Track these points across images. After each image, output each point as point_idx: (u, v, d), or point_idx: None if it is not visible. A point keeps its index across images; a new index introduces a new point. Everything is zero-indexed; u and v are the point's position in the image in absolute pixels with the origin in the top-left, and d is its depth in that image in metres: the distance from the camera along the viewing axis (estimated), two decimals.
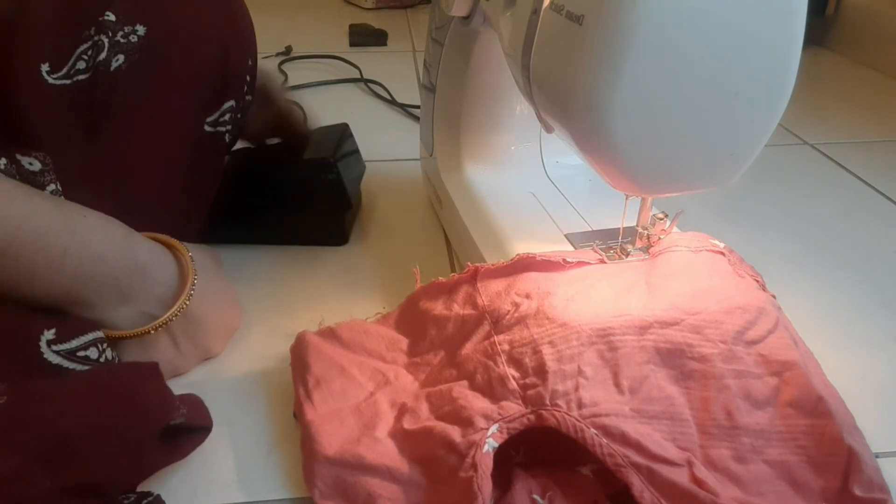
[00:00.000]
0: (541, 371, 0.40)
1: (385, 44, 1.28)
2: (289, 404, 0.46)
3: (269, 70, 0.68)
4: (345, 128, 0.68)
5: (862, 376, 0.50)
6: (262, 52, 0.59)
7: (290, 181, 0.63)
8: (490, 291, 0.46)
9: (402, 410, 0.43)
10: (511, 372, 0.41)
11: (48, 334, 0.39)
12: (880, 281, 0.61)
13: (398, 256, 0.64)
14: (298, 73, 1.10)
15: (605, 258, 0.47)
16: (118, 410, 0.37)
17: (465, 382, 0.42)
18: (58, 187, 0.45)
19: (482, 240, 0.54)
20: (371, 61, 1.13)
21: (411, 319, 0.49)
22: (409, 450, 0.40)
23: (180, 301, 0.47)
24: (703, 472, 0.37)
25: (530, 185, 0.60)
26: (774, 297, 0.45)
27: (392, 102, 1.00)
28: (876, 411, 0.47)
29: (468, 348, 0.44)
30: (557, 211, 0.56)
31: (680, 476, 0.36)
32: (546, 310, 0.42)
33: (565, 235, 0.53)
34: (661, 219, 0.47)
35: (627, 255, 0.48)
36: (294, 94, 0.75)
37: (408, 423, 0.41)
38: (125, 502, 0.38)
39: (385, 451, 0.40)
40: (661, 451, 0.37)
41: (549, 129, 0.43)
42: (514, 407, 0.39)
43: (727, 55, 0.34)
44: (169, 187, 0.52)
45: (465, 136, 0.62)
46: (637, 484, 0.36)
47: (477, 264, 0.47)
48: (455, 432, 0.39)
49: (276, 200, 0.64)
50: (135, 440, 0.38)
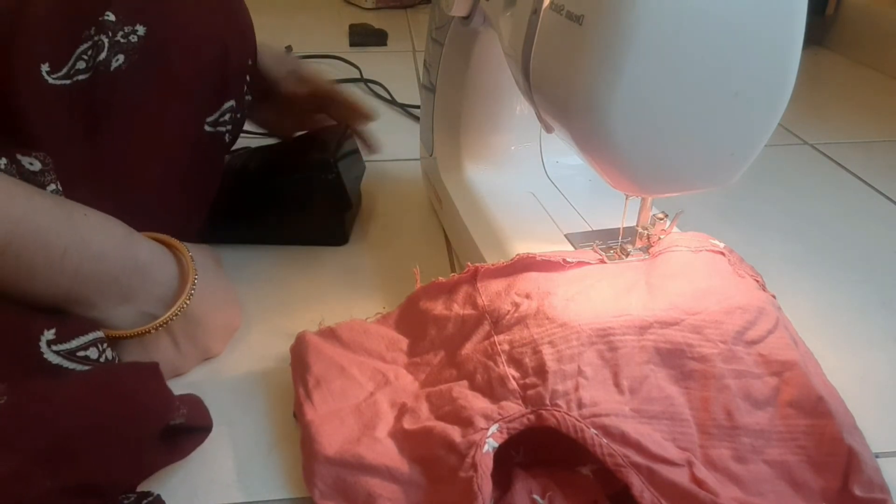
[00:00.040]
0: (541, 371, 0.40)
1: (385, 44, 1.28)
2: (289, 404, 0.46)
3: (294, 57, 0.68)
4: (345, 128, 0.68)
5: (862, 376, 0.50)
6: None
7: (290, 181, 0.63)
8: (490, 291, 0.46)
9: (402, 410, 0.43)
10: (511, 372, 0.41)
11: (48, 334, 0.39)
12: (880, 281, 0.61)
13: (398, 256, 0.64)
14: None
15: (605, 258, 0.47)
16: (118, 410, 0.37)
17: (465, 382, 0.42)
18: (58, 187, 0.45)
19: (482, 240, 0.54)
20: (371, 61, 1.13)
21: (411, 319, 0.49)
22: (409, 450, 0.40)
23: (181, 301, 0.47)
24: (703, 472, 0.37)
25: (530, 185, 0.60)
26: (774, 297, 0.45)
27: (392, 102, 1.00)
28: (876, 411, 0.47)
29: (468, 348, 0.44)
30: (557, 211, 0.56)
31: (680, 476, 0.36)
32: (546, 310, 0.42)
33: (565, 235, 0.53)
34: (661, 219, 0.47)
35: (627, 255, 0.48)
36: None
37: (408, 423, 0.41)
38: (125, 502, 0.38)
39: (385, 451, 0.40)
40: (661, 451, 0.37)
41: (549, 129, 0.43)
42: (514, 407, 0.39)
43: (727, 55, 0.34)
44: (169, 187, 0.52)
45: (465, 136, 0.62)
46: (637, 484, 0.36)
47: (477, 264, 0.47)
48: (455, 432, 0.39)
49: (276, 200, 0.64)
50: (135, 440, 0.38)
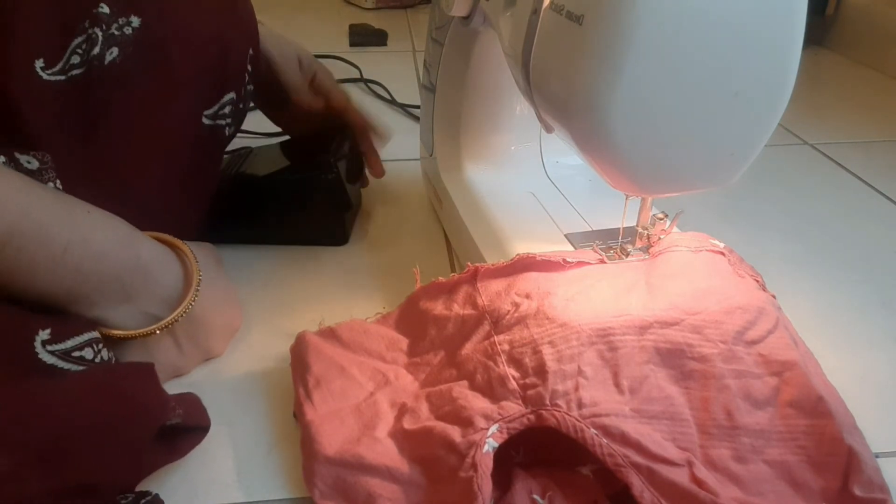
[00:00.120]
0: (541, 371, 0.40)
1: (385, 44, 1.28)
2: (289, 404, 0.46)
3: (319, 62, 0.68)
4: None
5: (862, 376, 0.50)
6: None
7: (290, 181, 0.63)
8: (490, 291, 0.46)
9: (402, 410, 0.43)
10: (511, 372, 0.41)
11: (43, 334, 0.39)
12: (880, 281, 0.61)
13: (398, 256, 0.64)
14: None
15: (605, 258, 0.47)
16: (115, 410, 0.37)
17: (465, 382, 0.42)
18: (57, 185, 0.44)
19: (482, 240, 0.54)
20: (371, 61, 1.13)
21: (411, 319, 0.49)
22: (409, 450, 0.40)
23: (185, 302, 0.46)
24: (703, 472, 0.37)
25: (530, 185, 0.60)
26: (774, 297, 0.45)
27: (392, 102, 1.00)
28: (876, 411, 0.47)
29: (468, 348, 0.44)
30: (557, 211, 0.56)
31: (680, 476, 0.36)
32: (546, 310, 0.42)
33: (565, 235, 0.52)
34: (661, 219, 0.47)
35: (627, 255, 0.48)
36: None
37: (408, 423, 0.41)
38: (123, 502, 0.38)
39: (385, 451, 0.40)
40: (661, 451, 0.37)
41: (549, 129, 0.43)
42: (514, 407, 0.39)
43: (727, 55, 0.34)
44: (168, 183, 0.51)
45: (465, 136, 0.62)
46: (637, 484, 0.36)
47: (477, 264, 0.47)
48: (455, 432, 0.39)
49: (276, 200, 0.64)
50: (132, 440, 0.38)
